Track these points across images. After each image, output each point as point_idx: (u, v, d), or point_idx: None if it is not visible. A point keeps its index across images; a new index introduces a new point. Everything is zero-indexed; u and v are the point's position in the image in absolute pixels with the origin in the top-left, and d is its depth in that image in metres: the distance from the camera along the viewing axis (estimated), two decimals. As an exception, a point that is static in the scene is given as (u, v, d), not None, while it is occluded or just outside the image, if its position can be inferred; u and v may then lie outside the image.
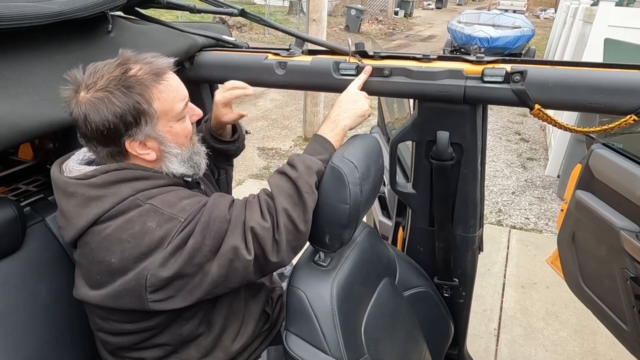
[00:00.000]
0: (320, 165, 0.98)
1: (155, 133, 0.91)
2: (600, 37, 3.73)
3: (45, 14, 0.95)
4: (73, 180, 0.91)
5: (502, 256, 3.11)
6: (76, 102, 0.87)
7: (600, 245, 1.26)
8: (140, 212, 0.88)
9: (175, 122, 0.94)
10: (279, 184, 0.96)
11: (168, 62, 0.94)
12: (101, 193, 0.88)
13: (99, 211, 0.87)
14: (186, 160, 0.98)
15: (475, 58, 1.10)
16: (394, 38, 15.56)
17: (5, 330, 1.01)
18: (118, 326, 0.98)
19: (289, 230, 0.92)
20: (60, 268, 1.14)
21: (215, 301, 1.03)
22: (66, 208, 0.91)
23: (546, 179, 4.50)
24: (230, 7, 1.34)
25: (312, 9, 4.58)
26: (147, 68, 0.89)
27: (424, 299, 1.34)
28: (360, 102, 1.11)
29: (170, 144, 0.94)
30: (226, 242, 0.89)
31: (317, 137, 1.06)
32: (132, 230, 0.86)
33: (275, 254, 0.91)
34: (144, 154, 0.93)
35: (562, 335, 2.41)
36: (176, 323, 0.99)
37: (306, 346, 0.98)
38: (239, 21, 12.31)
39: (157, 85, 0.89)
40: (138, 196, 0.89)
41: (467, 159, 1.23)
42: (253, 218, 0.91)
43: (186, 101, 0.96)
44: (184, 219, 0.88)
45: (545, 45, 11.39)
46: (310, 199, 0.94)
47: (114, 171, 0.90)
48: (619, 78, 0.98)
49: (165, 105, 0.91)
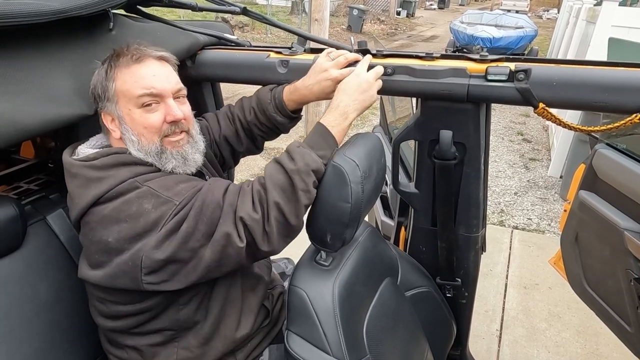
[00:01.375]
0: (320, 164, 0.96)
1: (116, 111, 0.97)
2: (604, 37, 3.72)
3: (46, 12, 0.95)
4: (77, 162, 0.96)
5: (505, 257, 3.10)
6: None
7: (603, 246, 1.25)
8: (138, 193, 0.90)
9: (135, 107, 0.96)
10: (274, 175, 0.94)
11: (157, 52, 1.00)
12: (101, 175, 0.92)
13: (98, 192, 0.91)
14: (149, 153, 0.97)
15: (479, 57, 1.09)
16: (396, 38, 15.55)
17: (5, 328, 1.01)
18: (114, 308, 0.99)
19: (280, 223, 0.92)
20: (60, 267, 1.14)
21: (212, 288, 1.04)
22: (71, 189, 0.96)
23: (549, 179, 4.48)
24: (232, 5, 1.34)
25: (314, 8, 4.58)
26: (132, 52, 0.97)
27: (426, 299, 1.34)
28: (370, 91, 1.07)
29: (127, 127, 0.97)
30: (219, 229, 0.90)
31: (322, 129, 1.02)
32: (129, 211, 0.89)
33: (266, 244, 0.93)
34: (112, 129, 0.99)
35: (564, 336, 2.40)
36: (172, 307, 1.00)
37: (307, 346, 0.97)
38: (242, 21, 12.31)
39: (125, 67, 0.96)
40: (137, 179, 0.93)
41: (470, 159, 1.22)
42: (244, 208, 0.91)
43: (150, 92, 0.96)
44: (178, 202, 0.90)
45: (547, 46, 11.37)
46: (304, 197, 0.93)
47: (114, 154, 0.95)
48: (624, 77, 0.97)
49: (122, 86, 0.96)
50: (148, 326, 1.01)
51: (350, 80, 1.07)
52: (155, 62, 0.99)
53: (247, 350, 1.13)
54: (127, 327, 1.01)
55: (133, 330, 1.01)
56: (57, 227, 1.16)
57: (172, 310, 1.00)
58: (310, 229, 1.01)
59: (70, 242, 1.17)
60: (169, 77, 1.00)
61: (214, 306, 1.05)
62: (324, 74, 1.11)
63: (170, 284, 0.92)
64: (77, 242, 1.18)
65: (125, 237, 0.89)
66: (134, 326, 1.01)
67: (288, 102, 1.19)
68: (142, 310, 0.98)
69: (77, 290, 1.16)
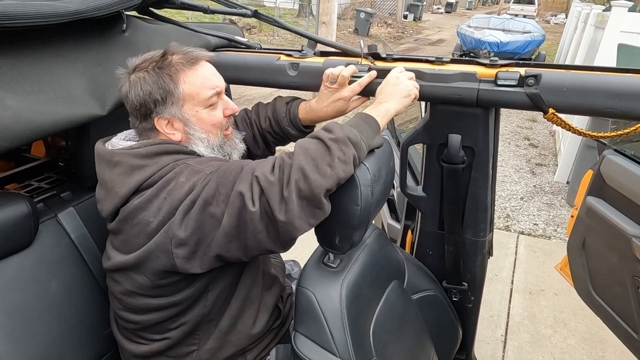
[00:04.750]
0: (360, 140, 0.92)
1: (181, 114, 0.99)
2: (613, 42, 3.71)
3: (61, 13, 0.96)
4: (119, 151, 0.97)
5: (510, 262, 3.09)
6: (126, 82, 0.99)
7: (611, 252, 1.25)
8: (176, 172, 0.93)
9: (202, 108, 1.00)
10: (306, 144, 0.90)
11: (205, 53, 1.03)
12: (145, 162, 0.94)
13: (141, 178, 0.93)
14: (215, 147, 1.03)
15: (488, 61, 1.09)
16: (402, 42, 15.55)
17: (16, 324, 1.02)
18: (144, 301, 0.99)
19: (302, 192, 0.85)
20: (71, 264, 1.15)
21: (237, 285, 1.05)
22: (109, 177, 0.96)
23: (555, 184, 4.46)
24: (243, 7, 1.35)
25: (322, 11, 4.60)
26: (183, 56, 0.99)
27: (432, 302, 1.34)
28: (402, 84, 1.07)
29: (195, 127, 1.00)
30: (234, 189, 0.88)
31: (361, 114, 1.00)
32: (168, 187, 0.91)
33: (283, 213, 0.85)
34: (170, 133, 1.00)
35: (570, 343, 2.38)
36: (201, 302, 1.00)
37: (314, 347, 0.98)
38: (249, 22, 12.35)
39: (187, 70, 0.98)
40: (177, 162, 0.95)
41: (478, 163, 1.22)
42: (262, 169, 0.89)
43: (216, 91, 1.01)
44: (208, 172, 0.92)
45: (555, 51, 11.32)
46: (341, 167, 0.87)
47: (158, 144, 0.97)
48: (634, 83, 0.97)
49: (191, 89, 0.98)
50: (175, 320, 1.02)
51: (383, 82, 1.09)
52: (207, 62, 1.03)
53: (257, 351, 1.14)
54: (155, 320, 1.01)
55: (160, 324, 1.02)
56: (68, 225, 1.17)
57: (199, 305, 1.01)
58: (319, 230, 1.02)
59: (80, 240, 1.19)
60: (218, 75, 1.05)
61: (235, 301, 1.06)
62: (336, 94, 1.14)
63: (197, 259, 0.91)
64: (87, 240, 1.20)
65: (164, 213, 0.90)
66: (162, 320, 1.01)
67: (303, 120, 1.22)
68: (173, 304, 0.99)
69: (87, 287, 1.17)
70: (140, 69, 0.98)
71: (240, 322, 1.08)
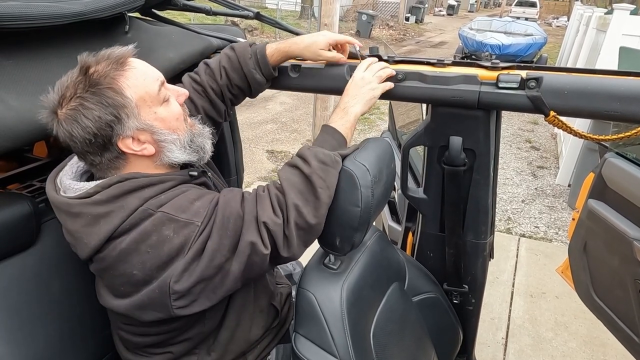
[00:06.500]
0: (332, 157, 0.94)
1: (142, 124, 0.87)
2: (614, 45, 3.71)
3: (65, 14, 0.97)
4: (76, 201, 0.87)
5: (511, 264, 3.09)
6: (57, 123, 0.85)
7: (612, 255, 1.25)
8: (154, 221, 0.85)
9: (158, 106, 0.89)
10: (291, 178, 0.93)
11: (125, 48, 0.89)
12: (108, 209, 0.85)
13: (110, 227, 0.84)
14: (187, 144, 0.94)
15: (490, 64, 1.10)
16: (404, 44, 15.56)
17: (18, 324, 1.02)
18: (142, 329, 1.00)
19: (300, 227, 0.90)
20: (73, 264, 1.15)
21: (231, 297, 1.04)
22: (74, 228, 0.88)
23: (557, 187, 4.46)
24: (246, 9, 1.35)
25: (323, 13, 4.60)
26: (107, 61, 0.85)
27: (433, 305, 1.34)
28: (366, 87, 1.09)
29: (162, 131, 0.90)
30: (243, 239, 0.87)
31: (326, 128, 1.04)
32: (149, 241, 0.84)
33: (287, 250, 0.90)
34: (140, 150, 0.89)
35: (571, 346, 2.38)
36: (200, 321, 1.00)
37: (315, 349, 0.98)
38: (250, 24, 12.37)
39: (123, 73, 0.85)
40: (147, 205, 0.86)
41: (479, 165, 1.22)
42: (265, 213, 0.88)
43: (161, 81, 0.91)
44: (200, 223, 0.86)
45: (557, 54, 11.32)
46: (325, 194, 0.91)
47: (116, 184, 0.86)
48: (636, 86, 0.97)
49: (139, 91, 0.86)
50: (175, 339, 1.02)
51: (347, 83, 1.12)
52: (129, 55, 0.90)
53: (257, 352, 1.14)
54: (155, 342, 1.02)
55: (160, 342, 1.02)
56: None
57: (199, 324, 1.01)
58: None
59: None
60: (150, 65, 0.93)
61: (231, 314, 1.05)
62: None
63: (200, 303, 0.90)
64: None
65: (151, 267, 0.85)
66: (161, 341, 1.02)
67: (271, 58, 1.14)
68: (171, 329, 0.99)
69: (89, 287, 1.17)
70: (68, 99, 0.83)
71: (238, 330, 1.08)
